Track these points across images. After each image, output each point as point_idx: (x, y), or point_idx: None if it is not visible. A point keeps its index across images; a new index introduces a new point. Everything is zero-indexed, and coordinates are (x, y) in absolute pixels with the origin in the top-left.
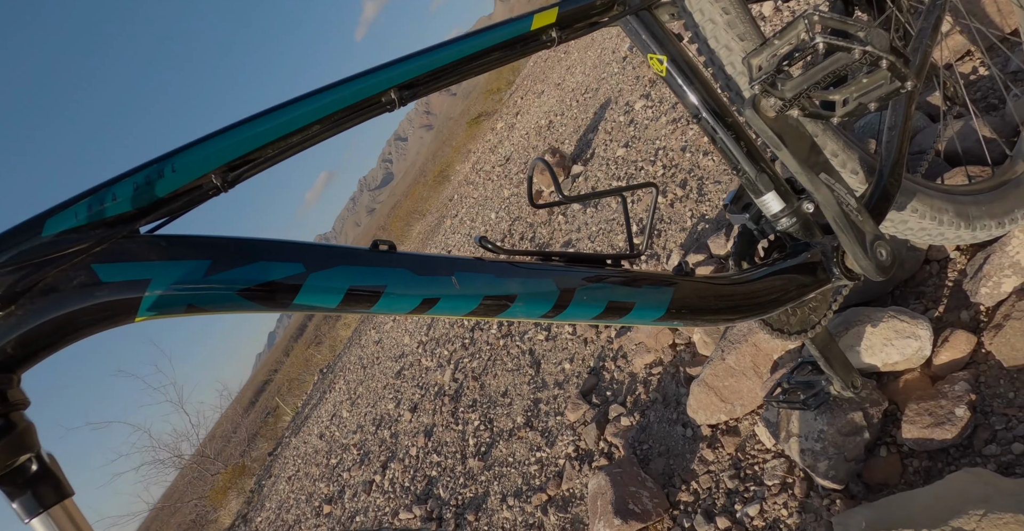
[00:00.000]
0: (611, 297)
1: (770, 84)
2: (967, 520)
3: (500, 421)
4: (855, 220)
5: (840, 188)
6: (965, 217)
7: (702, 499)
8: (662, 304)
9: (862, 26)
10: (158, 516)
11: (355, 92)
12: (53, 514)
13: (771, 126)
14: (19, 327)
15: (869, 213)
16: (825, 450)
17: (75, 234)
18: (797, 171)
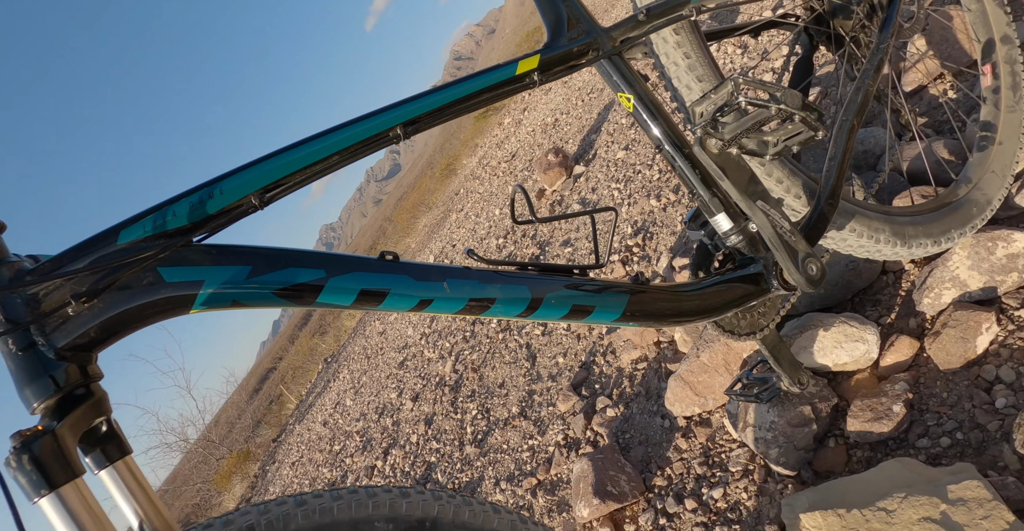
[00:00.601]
0: (575, 301)
1: (712, 127)
2: (891, 501)
3: (496, 411)
4: (788, 240)
5: (775, 213)
6: (901, 236)
7: (674, 483)
8: (618, 308)
9: (779, 88)
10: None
11: (368, 129)
12: (117, 468)
13: (715, 160)
14: (99, 316)
15: (804, 234)
16: (776, 439)
17: (143, 243)
18: (736, 199)
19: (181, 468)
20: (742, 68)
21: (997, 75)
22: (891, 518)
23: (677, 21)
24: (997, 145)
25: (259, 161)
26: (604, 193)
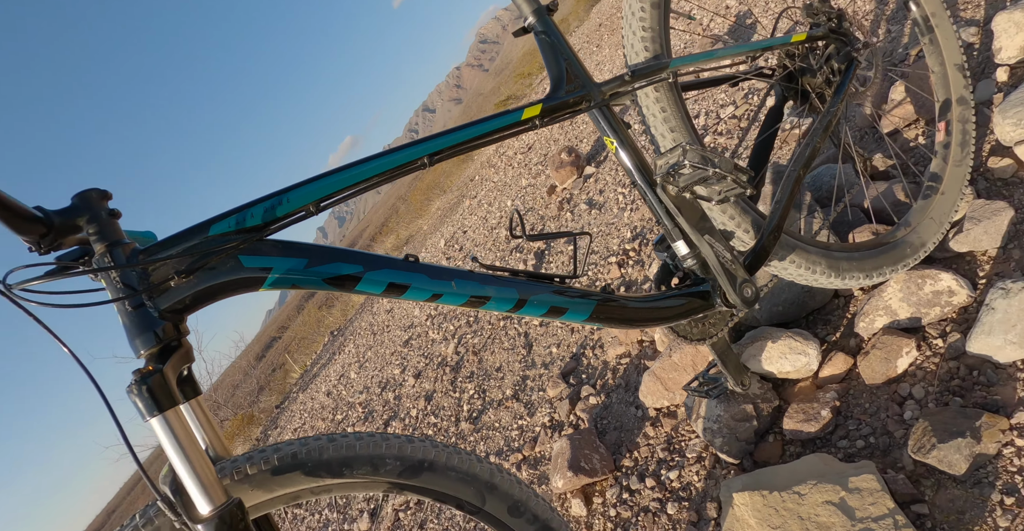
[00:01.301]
0: (552, 303)
1: (669, 176)
2: (804, 487)
3: (492, 392)
4: (729, 267)
5: (719, 245)
6: (836, 269)
7: (639, 464)
8: (587, 312)
9: (716, 155)
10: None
11: (402, 157)
12: (192, 405)
13: (672, 201)
14: (192, 289)
15: (748, 262)
16: (720, 430)
17: (229, 236)
18: (688, 233)
19: None
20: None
21: (950, 132)
22: (802, 500)
23: (657, 82)
24: (940, 195)
25: (316, 178)
26: (610, 196)
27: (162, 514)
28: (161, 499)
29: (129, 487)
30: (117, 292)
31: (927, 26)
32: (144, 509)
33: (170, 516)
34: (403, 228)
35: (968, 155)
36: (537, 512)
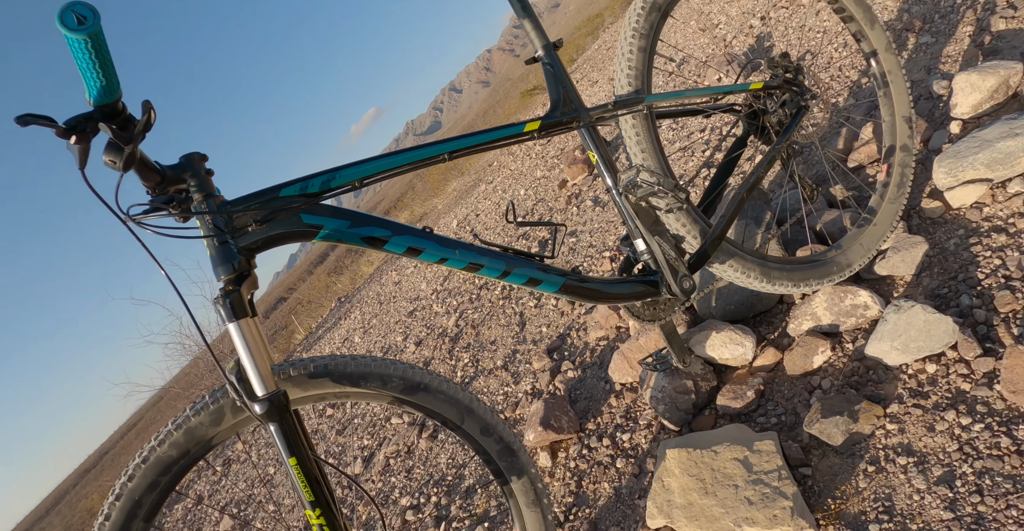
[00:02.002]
0: (530, 275)
1: (629, 188)
2: (720, 447)
3: (484, 362)
4: (672, 264)
5: (666, 246)
6: (768, 276)
7: (600, 428)
8: (557, 284)
9: (662, 176)
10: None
11: (428, 152)
12: (254, 321)
13: (632, 208)
14: (264, 234)
15: (691, 262)
16: (663, 398)
17: (294, 198)
18: (643, 233)
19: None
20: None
21: (890, 174)
22: (716, 456)
23: (635, 112)
24: (872, 226)
25: (361, 162)
26: None
27: (226, 395)
28: (229, 383)
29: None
30: (209, 231)
31: (883, 81)
32: (212, 392)
33: (234, 396)
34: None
35: (903, 195)
36: (503, 435)
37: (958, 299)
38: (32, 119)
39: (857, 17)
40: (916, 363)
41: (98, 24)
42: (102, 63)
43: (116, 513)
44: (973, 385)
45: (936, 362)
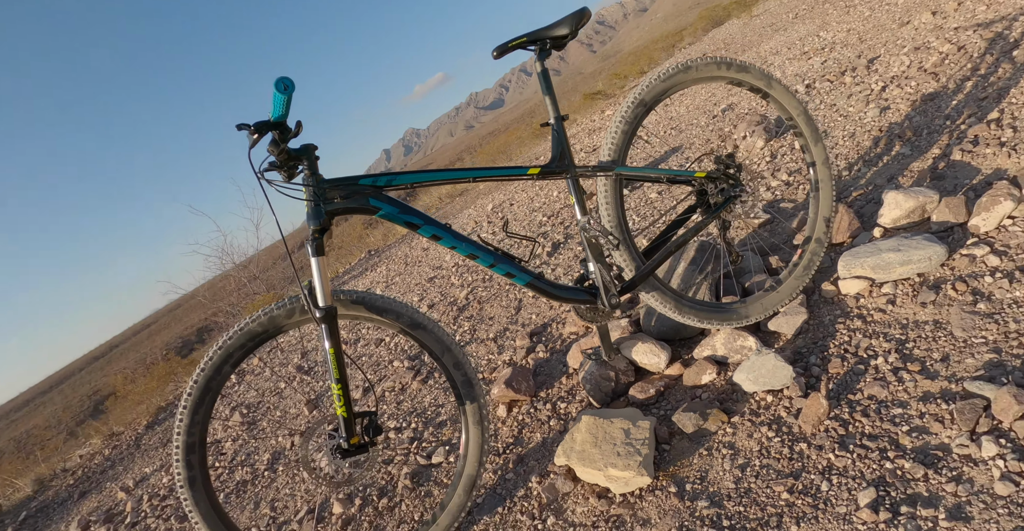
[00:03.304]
0: (509, 270)
1: (585, 229)
2: (616, 419)
3: (480, 332)
4: (607, 285)
5: (605, 272)
6: (679, 310)
7: (549, 397)
8: (525, 281)
9: (600, 227)
10: (182, 306)
11: (459, 175)
12: (323, 258)
13: (587, 241)
14: (343, 205)
15: (622, 286)
16: (591, 380)
17: (366, 187)
18: (591, 259)
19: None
20: None
21: (801, 258)
22: (611, 424)
23: (607, 176)
24: (775, 292)
25: (415, 171)
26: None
27: (298, 301)
28: (303, 294)
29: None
30: (310, 197)
31: (816, 186)
32: (290, 298)
33: (304, 303)
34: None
35: (807, 275)
36: (467, 371)
37: (808, 357)
38: (243, 126)
39: (806, 134)
40: (761, 393)
41: (292, 90)
42: (286, 106)
43: (217, 358)
44: (787, 414)
45: (773, 395)
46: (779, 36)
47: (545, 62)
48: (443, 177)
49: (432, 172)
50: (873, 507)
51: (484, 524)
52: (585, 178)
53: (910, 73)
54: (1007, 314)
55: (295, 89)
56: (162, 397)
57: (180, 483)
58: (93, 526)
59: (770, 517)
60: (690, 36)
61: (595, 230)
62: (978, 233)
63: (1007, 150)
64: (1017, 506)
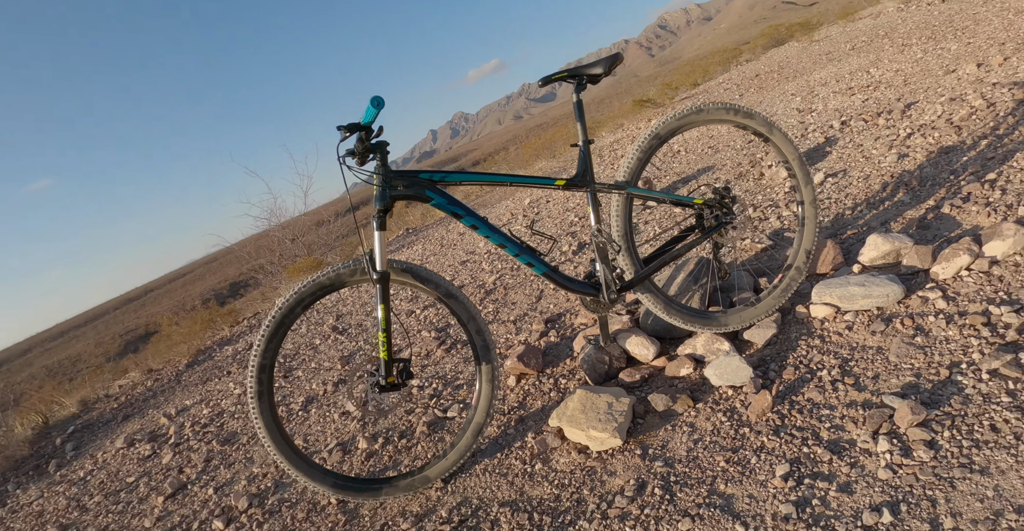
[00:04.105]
0: (530, 260)
1: (595, 236)
2: (603, 394)
3: (502, 314)
4: (609, 283)
5: (608, 272)
6: (667, 312)
7: (552, 373)
8: (541, 271)
9: (607, 235)
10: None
11: (498, 179)
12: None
13: (597, 246)
14: (403, 192)
15: (621, 285)
16: (588, 360)
17: (424, 180)
18: (598, 260)
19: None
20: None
21: (782, 281)
22: (599, 397)
23: (619, 194)
24: (753, 308)
25: (462, 172)
26: (658, 215)
27: (360, 264)
28: (365, 258)
29: (171, 277)
30: (379, 184)
31: (802, 222)
32: (355, 260)
33: (365, 265)
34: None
35: (784, 297)
36: (486, 338)
37: (769, 364)
38: (341, 126)
39: (798, 177)
40: (724, 387)
41: (383, 107)
42: (375, 116)
43: (291, 300)
44: (740, 405)
45: (733, 390)
46: (832, 67)
47: (580, 95)
48: (484, 179)
49: (476, 173)
50: (784, 478)
51: (484, 464)
52: (602, 193)
53: (938, 124)
54: (935, 349)
55: (384, 107)
56: (201, 341)
57: (251, 395)
58: (138, 443)
59: (708, 478)
60: (749, 53)
61: (603, 237)
62: (937, 279)
63: (989, 209)
64: (890, 487)
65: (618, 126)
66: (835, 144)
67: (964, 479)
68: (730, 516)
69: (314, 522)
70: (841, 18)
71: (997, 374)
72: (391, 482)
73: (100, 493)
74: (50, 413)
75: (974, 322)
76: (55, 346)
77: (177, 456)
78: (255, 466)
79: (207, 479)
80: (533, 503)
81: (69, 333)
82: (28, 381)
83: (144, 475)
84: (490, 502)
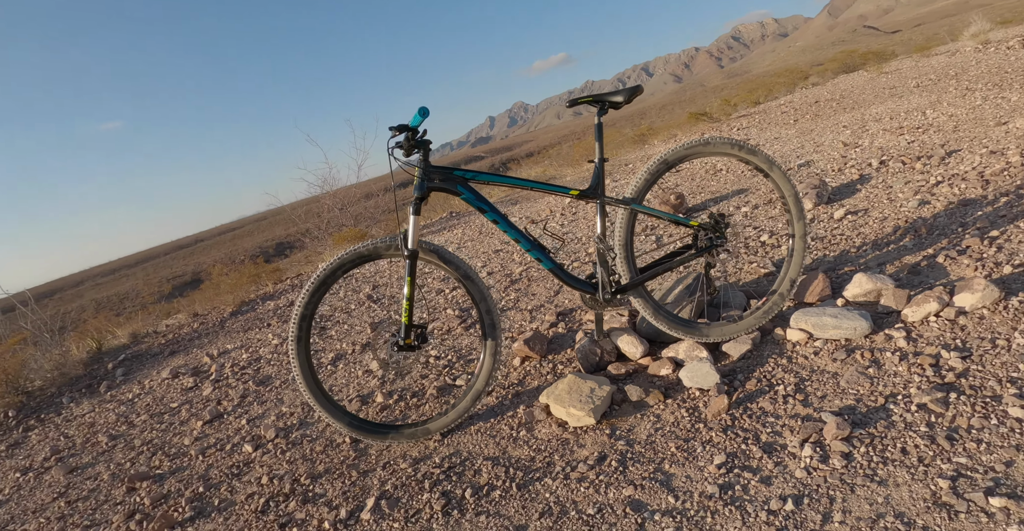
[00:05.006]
0: (539, 256)
1: (597, 243)
2: (589, 380)
3: (522, 303)
4: (605, 284)
5: (605, 275)
6: (655, 317)
7: (553, 359)
8: (549, 266)
9: (606, 242)
10: (268, 218)
11: (523, 182)
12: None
13: (597, 251)
14: (439, 185)
15: (616, 288)
16: (581, 351)
17: (458, 177)
18: (598, 264)
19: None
20: None
21: (765, 304)
22: (584, 382)
23: (624, 208)
24: (735, 324)
25: (491, 173)
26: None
27: (396, 240)
28: (400, 237)
29: (222, 230)
30: (419, 176)
31: (790, 254)
32: (392, 236)
33: (399, 243)
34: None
35: (765, 317)
36: (494, 317)
37: (737, 375)
38: (393, 127)
39: (792, 213)
40: (693, 388)
41: (428, 115)
42: (421, 121)
43: (334, 264)
44: (702, 405)
45: (700, 391)
46: (891, 102)
47: (602, 118)
48: (509, 181)
49: (502, 176)
50: (719, 466)
51: (479, 426)
52: (609, 206)
53: (969, 175)
54: (882, 380)
55: (430, 115)
56: (246, 293)
57: (291, 339)
58: (182, 376)
59: (658, 457)
60: (817, 76)
61: (604, 244)
62: (906, 321)
63: (978, 264)
64: (801, 484)
65: (671, 136)
66: (867, 182)
67: (863, 486)
68: (666, 489)
69: (329, 455)
70: (917, 51)
71: (924, 407)
72: (398, 429)
73: (146, 413)
74: (103, 341)
75: (923, 362)
76: (106, 282)
77: (216, 390)
78: (284, 406)
79: (241, 412)
80: (512, 460)
81: (120, 271)
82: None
83: (186, 403)
84: (477, 456)
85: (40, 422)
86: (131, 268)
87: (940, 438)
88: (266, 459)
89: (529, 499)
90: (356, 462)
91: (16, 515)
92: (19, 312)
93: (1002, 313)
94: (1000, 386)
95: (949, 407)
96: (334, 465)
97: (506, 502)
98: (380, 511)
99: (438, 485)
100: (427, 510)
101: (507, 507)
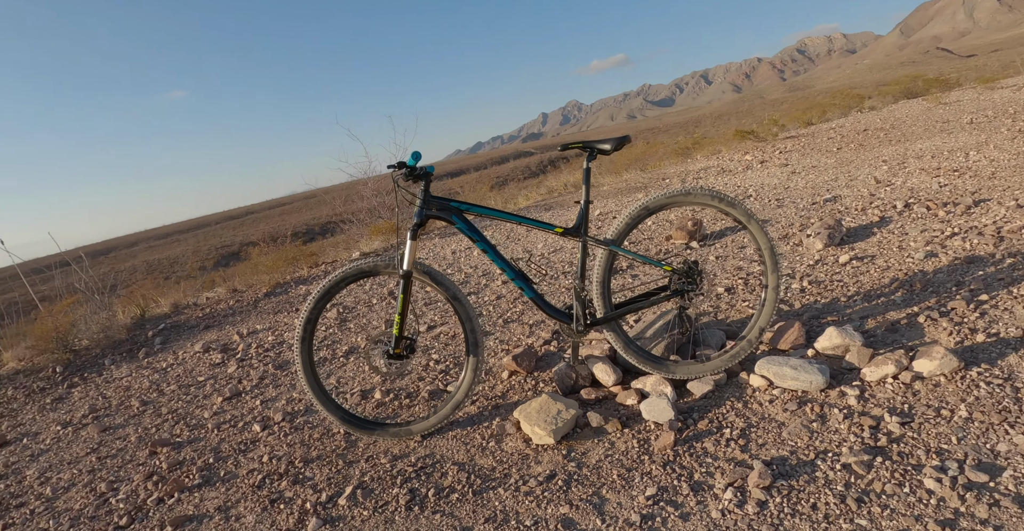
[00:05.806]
0: (522, 285)
1: (576, 282)
2: (557, 402)
3: (524, 317)
4: (579, 317)
5: (580, 308)
6: (626, 351)
7: (538, 376)
8: (530, 294)
9: (581, 283)
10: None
11: (515, 217)
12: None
13: (576, 290)
14: (436, 213)
15: (589, 320)
16: (558, 374)
17: (454, 208)
18: (576, 297)
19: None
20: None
21: (734, 347)
22: (553, 403)
23: (604, 249)
24: (701, 365)
25: (484, 207)
26: None
27: (394, 260)
28: (398, 257)
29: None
30: (419, 204)
31: (762, 303)
32: (391, 255)
33: (396, 264)
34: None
35: (732, 361)
36: (478, 335)
37: (693, 413)
38: (392, 165)
39: (767, 265)
40: (650, 421)
41: (420, 158)
42: (416, 161)
43: (336, 277)
44: (653, 438)
45: (656, 425)
46: (938, 139)
47: (591, 163)
48: (499, 215)
49: (492, 210)
50: (648, 498)
51: (456, 432)
52: (590, 244)
53: (986, 230)
54: (821, 436)
55: (421, 158)
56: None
57: (296, 339)
58: (212, 351)
59: (600, 482)
60: (877, 99)
61: (581, 283)
62: (863, 380)
63: (954, 328)
64: (714, 524)
65: (715, 152)
66: (885, 226)
67: None
68: (597, 512)
69: (324, 442)
70: (982, 83)
71: (848, 468)
72: (384, 427)
73: (175, 383)
74: (147, 308)
75: (864, 423)
76: (159, 245)
77: (239, 369)
78: (295, 392)
79: (257, 392)
80: (476, 468)
81: (173, 236)
82: (129, 272)
83: (211, 378)
84: (447, 460)
85: (83, 380)
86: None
87: (850, 499)
88: (270, 439)
89: (481, 505)
90: (344, 452)
91: (54, 464)
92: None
93: (957, 383)
94: (926, 456)
95: (871, 470)
96: (326, 453)
97: (461, 505)
98: (355, 499)
99: (408, 482)
100: (393, 503)
101: (461, 509)
